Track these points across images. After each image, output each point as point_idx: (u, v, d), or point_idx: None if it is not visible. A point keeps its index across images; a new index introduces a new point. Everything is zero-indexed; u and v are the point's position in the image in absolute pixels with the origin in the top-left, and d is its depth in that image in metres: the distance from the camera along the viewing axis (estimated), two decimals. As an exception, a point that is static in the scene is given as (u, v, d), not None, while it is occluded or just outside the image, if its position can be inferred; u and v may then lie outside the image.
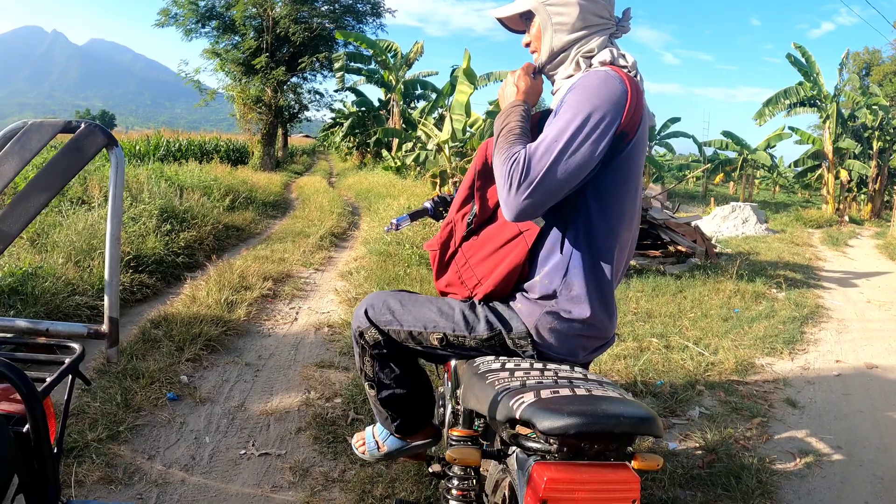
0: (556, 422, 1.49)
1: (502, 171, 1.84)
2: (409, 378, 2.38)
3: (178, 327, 4.87)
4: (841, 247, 14.54)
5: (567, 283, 1.96)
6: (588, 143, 1.81)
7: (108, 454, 3.18)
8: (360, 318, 2.29)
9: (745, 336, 5.87)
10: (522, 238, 2.01)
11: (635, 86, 1.91)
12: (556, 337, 2.00)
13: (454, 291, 2.19)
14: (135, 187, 10.02)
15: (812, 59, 24.17)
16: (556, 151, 1.79)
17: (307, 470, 3.20)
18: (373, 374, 2.35)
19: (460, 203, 2.22)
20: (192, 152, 26.10)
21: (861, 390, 4.88)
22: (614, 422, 1.50)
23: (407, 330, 2.19)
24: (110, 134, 1.54)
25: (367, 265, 7.80)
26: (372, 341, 2.28)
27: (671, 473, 3.23)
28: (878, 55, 47.31)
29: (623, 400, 1.61)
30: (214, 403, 3.93)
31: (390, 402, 2.40)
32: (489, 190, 2.13)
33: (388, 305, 2.24)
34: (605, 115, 1.82)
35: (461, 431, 2.00)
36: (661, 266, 9.17)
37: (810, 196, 37.42)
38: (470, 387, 1.95)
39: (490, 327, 2.07)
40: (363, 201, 15.74)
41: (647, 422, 1.54)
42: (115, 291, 1.51)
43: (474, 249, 2.13)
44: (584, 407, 1.54)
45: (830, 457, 3.70)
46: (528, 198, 1.79)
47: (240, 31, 28.40)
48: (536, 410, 1.53)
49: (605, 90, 1.86)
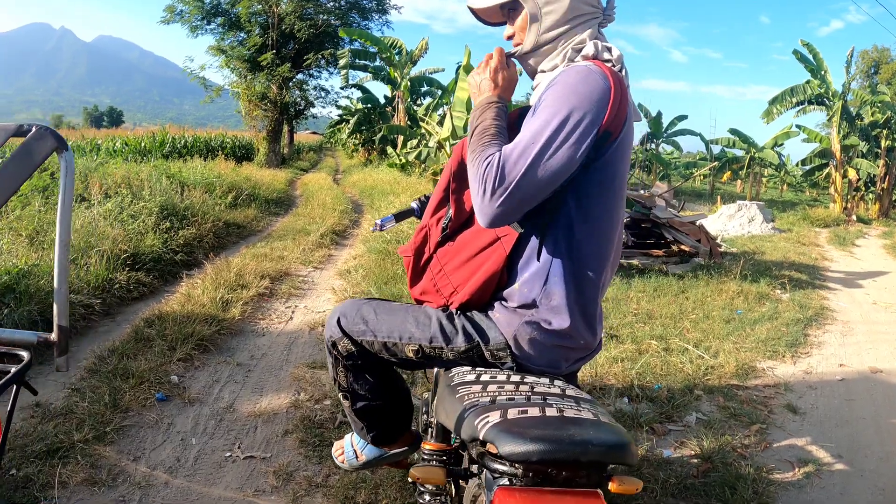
0: (519, 447, 1.41)
1: (476, 174, 1.73)
2: (385, 388, 2.29)
3: (172, 326, 4.83)
4: (848, 246, 14.42)
5: (547, 292, 1.87)
6: (567, 145, 1.70)
7: (94, 455, 3.15)
8: (332, 328, 2.20)
9: (746, 338, 5.78)
10: (500, 244, 1.92)
11: (619, 81, 1.81)
12: (535, 348, 1.91)
13: (429, 300, 2.10)
14: (136, 185, 9.98)
15: (820, 56, 24.04)
16: (532, 154, 1.68)
17: (291, 474, 3.15)
18: (347, 384, 2.27)
19: (435, 206, 2.12)
20: (197, 149, 26.10)
21: (864, 395, 4.79)
22: (580, 449, 1.42)
23: (381, 341, 2.10)
24: (61, 137, 1.48)
25: (365, 264, 7.74)
26: (345, 352, 2.18)
27: (664, 483, 3.15)
28: (886, 53, 47.10)
29: (596, 423, 1.53)
30: (203, 404, 3.89)
31: (365, 413, 2.32)
32: (465, 193, 2.01)
33: (362, 314, 2.15)
34: (585, 114, 1.72)
35: (433, 445, 1.92)
36: (663, 266, 9.09)
37: (818, 195, 37.32)
38: (441, 399, 1.87)
39: (468, 339, 1.97)
40: (367, 198, 15.69)
41: (617, 449, 1.45)
42: (64, 299, 1.45)
43: (450, 256, 2.03)
44: (550, 432, 1.45)
45: (831, 466, 3.61)
46: (502, 204, 1.69)
47: (245, 27, 28.45)
48: (500, 433, 1.45)
49: (586, 87, 1.75)
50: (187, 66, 29.25)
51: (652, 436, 3.76)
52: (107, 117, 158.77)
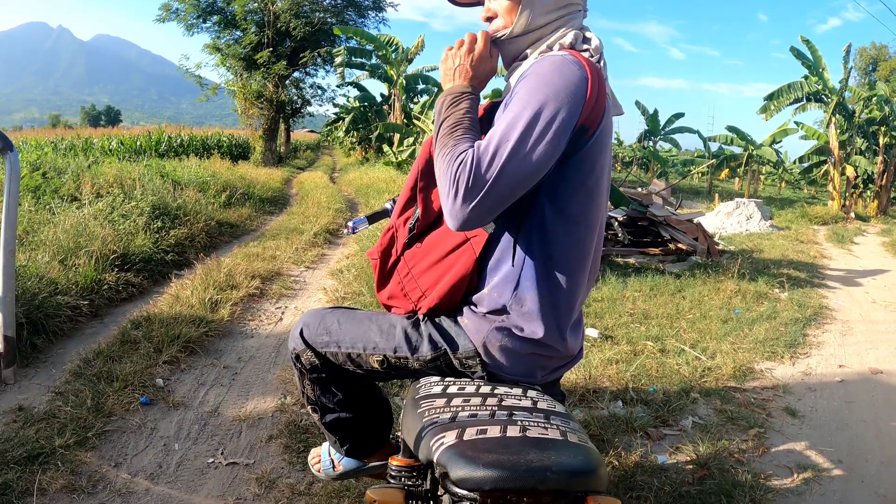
0: (471, 472, 1.31)
1: (447, 173, 1.61)
2: (355, 400, 2.19)
3: (158, 328, 4.73)
4: (846, 244, 14.35)
5: (518, 297, 1.76)
6: (544, 142, 1.59)
7: (75, 461, 3.07)
8: (295, 339, 2.12)
9: (744, 339, 5.69)
10: (469, 245, 1.81)
11: (596, 72, 1.70)
12: (507, 356, 1.80)
13: (397, 305, 1.99)
14: (128, 184, 9.88)
15: (818, 53, 23.97)
16: (506, 152, 1.56)
17: (274, 481, 3.06)
18: (314, 398, 2.17)
19: (402, 206, 2.02)
20: (193, 148, 26.06)
21: (865, 398, 4.70)
22: (538, 476, 1.31)
23: (345, 352, 2.00)
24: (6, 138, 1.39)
25: (358, 263, 7.65)
26: (309, 364, 2.10)
27: (657, 491, 3.05)
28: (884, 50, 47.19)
29: (563, 443, 1.42)
30: (188, 408, 3.80)
31: (336, 427, 2.22)
32: (433, 192, 1.90)
33: (325, 324, 2.06)
34: (560, 107, 1.61)
35: (401, 461, 1.76)
36: (660, 264, 9.02)
37: (816, 192, 37.30)
38: (405, 414, 1.77)
39: (434, 347, 1.87)
40: (362, 197, 15.63)
41: (580, 475, 1.35)
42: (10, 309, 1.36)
43: (418, 258, 1.92)
44: (506, 457, 1.35)
45: (830, 472, 3.51)
46: (475, 207, 1.57)
47: (241, 25, 28.42)
48: (452, 456, 1.36)
49: (561, 78, 1.64)
50: (183, 65, 29.20)
51: (646, 441, 3.67)
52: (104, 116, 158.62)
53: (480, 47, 1.84)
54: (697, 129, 37.68)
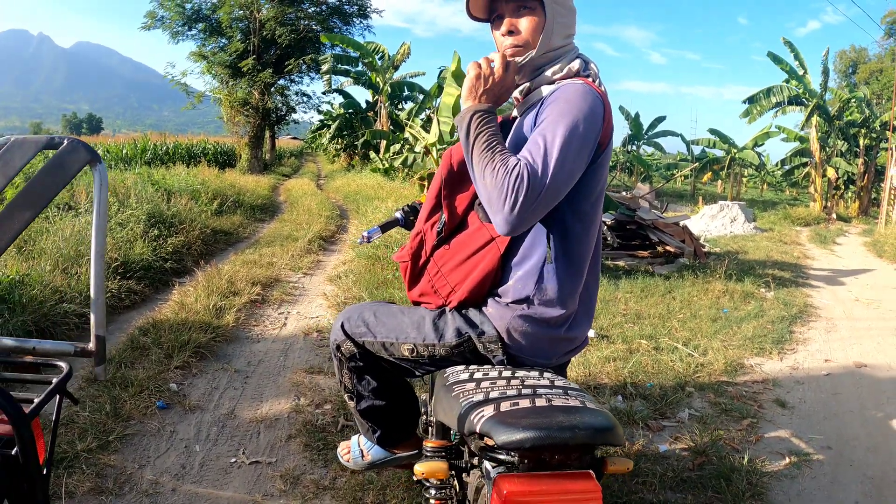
0: (512, 435, 1.51)
1: (501, 185, 1.74)
2: (388, 390, 2.38)
3: (167, 334, 4.84)
4: (829, 245, 14.61)
5: (541, 288, 1.96)
6: (579, 156, 1.80)
7: (98, 464, 3.17)
8: (336, 331, 2.32)
9: (734, 336, 5.88)
10: (495, 244, 2.01)
11: (606, 99, 1.95)
12: (527, 340, 2.00)
13: (428, 301, 2.18)
14: (122, 192, 9.95)
15: (800, 55, 24.27)
16: (553, 164, 1.74)
17: (298, 478, 3.19)
18: (351, 385, 2.37)
19: (428, 212, 2.20)
20: (179, 155, 26.02)
21: (850, 389, 4.90)
22: (569, 434, 1.52)
23: (380, 341, 2.20)
24: (93, 150, 1.53)
25: (355, 269, 7.79)
26: (348, 353, 2.29)
27: (661, 476, 3.24)
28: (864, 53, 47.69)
29: (583, 409, 1.63)
30: (204, 411, 3.92)
31: (370, 414, 2.41)
32: (458, 198, 2.12)
33: (363, 317, 2.26)
34: (588, 127, 1.81)
35: (435, 443, 2.03)
36: (649, 267, 9.20)
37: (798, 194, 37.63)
38: (439, 399, 1.98)
39: (459, 333, 2.07)
40: (351, 204, 15.70)
41: (603, 432, 1.55)
42: (101, 309, 1.49)
43: (446, 258, 2.12)
44: (540, 420, 1.56)
45: (820, 457, 3.71)
46: (531, 213, 1.74)
47: (226, 33, 28.39)
48: (494, 424, 1.56)
49: (586, 104, 1.84)
50: (168, 73, 29.11)
51: (647, 432, 3.85)
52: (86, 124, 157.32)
53: (509, 78, 2.01)
54: (680, 133, 37.98)
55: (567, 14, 2.02)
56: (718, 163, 34.14)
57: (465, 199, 2.11)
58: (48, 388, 1.49)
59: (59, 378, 1.52)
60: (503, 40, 2.06)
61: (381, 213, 11.23)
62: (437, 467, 1.78)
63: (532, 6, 2.00)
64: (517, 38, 2.03)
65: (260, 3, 27.93)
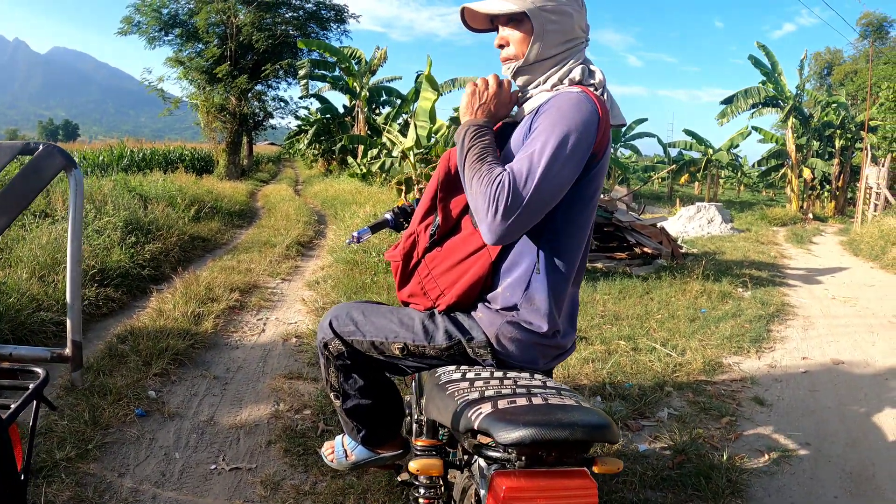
0: (512, 432, 1.51)
1: (485, 194, 1.78)
2: (374, 388, 2.38)
3: (145, 341, 4.81)
4: (805, 244, 14.76)
5: (528, 296, 1.97)
6: (568, 166, 1.80)
7: (78, 473, 3.15)
8: (324, 330, 2.30)
9: (712, 336, 5.93)
10: (486, 250, 2.01)
11: (604, 108, 1.93)
12: (516, 346, 2.01)
13: (416, 302, 2.19)
14: (98, 199, 9.87)
15: (775, 58, 24.53)
16: (538, 175, 1.76)
17: (278, 483, 3.18)
18: (338, 384, 2.36)
19: (423, 214, 2.21)
20: (156, 162, 25.85)
21: (828, 386, 4.95)
22: (569, 430, 1.53)
23: (369, 340, 2.20)
24: (69, 155, 1.52)
25: (333, 274, 7.78)
26: (336, 352, 2.28)
27: (641, 476, 3.26)
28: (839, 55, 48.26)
29: (579, 407, 1.64)
30: (183, 418, 3.90)
31: (355, 413, 2.40)
32: (452, 201, 2.12)
33: (352, 316, 2.25)
34: (580, 138, 1.82)
35: (425, 441, 2.03)
36: (627, 268, 9.24)
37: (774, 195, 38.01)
38: (432, 398, 1.98)
39: (449, 337, 2.07)
40: (329, 209, 15.69)
41: (601, 429, 1.57)
42: (77, 314, 1.48)
43: (438, 260, 2.12)
44: (540, 416, 1.57)
45: (799, 453, 3.75)
46: (514, 222, 1.76)
47: (203, 38, 28.30)
48: (493, 421, 1.56)
49: (579, 114, 1.85)
50: (145, 78, 28.98)
51: (627, 432, 3.87)
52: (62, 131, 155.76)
53: (505, 94, 2.07)
54: (657, 135, 38.23)
55: (561, 21, 2.00)
56: (695, 164, 34.40)
57: (460, 203, 2.11)
58: (25, 394, 1.47)
59: (35, 384, 1.51)
60: (500, 52, 2.10)
61: (360, 219, 11.22)
62: (431, 464, 1.79)
63: (518, 18, 2.02)
64: (506, 52, 2.07)
65: (237, 9, 27.85)
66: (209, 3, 27.47)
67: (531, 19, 1.98)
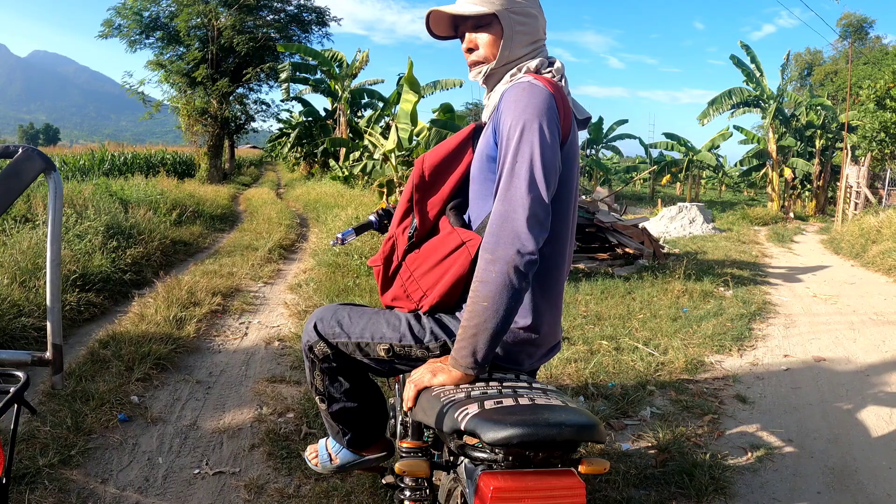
0: (500, 433, 1.50)
1: (508, 281, 1.76)
2: (360, 391, 2.37)
3: (127, 346, 4.78)
4: (787, 243, 14.88)
5: None
6: (551, 151, 1.82)
7: (61, 479, 3.12)
8: (309, 332, 2.28)
9: (694, 335, 5.96)
10: (465, 248, 1.99)
11: (558, 89, 1.93)
12: (501, 347, 1.99)
13: (400, 305, 2.17)
14: (79, 203, 9.81)
15: (757, 59, 24.71)
16: (527, 198, 1.79)
17: (262, 487, 3.17)
18: (323, 387, 2.34)
19: (400, 217, 2.21)
20: (137, 166, 25.67)
21: (810, 383, 4.99)
22: (556, 430, 1.52)
23: (355, 342, 2.18)
24: (48, 158, 1.51)
25: (316, 277, 7.77)
26: (321, 355, 2.26)
27: (625, 474, 3.27)
28: (819, 56, 48.66)
29: (565, 408, 1.64)
30: (166, 423, 3.88)
31: (341, 416, 2.39)
32: (429, 202, 2.12)
33: (337, 318, 2.23)
34: (542, 121, 1.82)
35: (410, 443, 2.02)
36: (609, 268, 9.28)
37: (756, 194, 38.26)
38: (417, 399, 1.96)
39: (435, 338, 2.07)
40: (311, 212, 15.66)
41: (588, 429, 1.56)
42: (57, 317, 1.48)
43: (418, 262, 2.11)
44: (527, 417, 1.56)
45: (782, 450, 3.78)
46: (540, 234, 1.79)
47: (184, 41, 28.13)
48: (480, 422, 1.55)
49: (534, 98, 1.85)
50: (126, 82, 28.80)
51: (610, 431, 3.89)
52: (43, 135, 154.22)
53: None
54: (638, 136, 38.40)
55: (528, 22, 2.02)
56: (677, 165, 34.60)
57: (436, 204, 2.11)
58: (5, 398, 1.46)
59: (16, 387, 1.50)
60: (466, 57, 2.10)
61: (342, 221, 11.21)
62: (418, 465, 1.77)
63: (488, 21, 2.02)
64: (476, 55, 2.07)
65: (218, 12, 27.73)
66: (190, 6, 27.33)
67: (501, 21, 1.99)
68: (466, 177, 2.11)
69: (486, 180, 1.99)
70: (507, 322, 1.80)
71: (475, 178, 2.05)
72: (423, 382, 1.89)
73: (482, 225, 1.99)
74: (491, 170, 1.97)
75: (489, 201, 1.95)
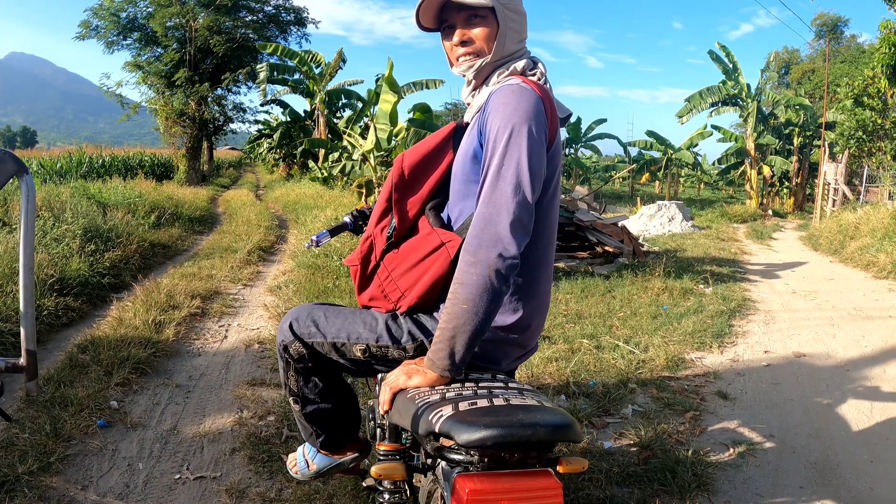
0: (473, 434, 1.50)
1: (489, 280, 1.77)
2: (334, 392, 2.35)
3: (106, 351, 4.73)
4: (765, 240, 15.00)
5: None
6: (538, 153, 1.83)
7: (41, 487, 3.09)
8: (284, 332, 2.25)
9: (674, 332, 5.99)
10: (445, 249, 1.98)
11: (546, 93, 1.94)
12: (480, 346, 1.96)
13: (378, 305, 2.16)
14: (57, 207, 9.71)
15: (734, 58, 24.90)
16: (514, 179, 1.80)
17: (244, 491, 3.15)
18: (297, 388, 2.31)
19: (379, 216, 2.19)
20: (115, 168, 25.45)
21: (790, 379, 5.03)
22: (531, 431, 1.52)
23: (330, 342, 2.16)
24: (20, 161, 1.49)
25: (295, 279, 7.74)
26: (296, 355, 2.23)
27: (607, 472, 3.27)
28: (796, 55, 49.10)
29: (541, 407, 1.64)
30: (146, 428, 3.84)
31: (315, 417, 2.36)
32: (408, 202, 2.11)
33: (313, 318, 2.21)
34: (530, 124, 1.83)
35: (388, 446, 2.02)
36: (589, 267, 9.31)
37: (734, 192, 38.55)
38: (394, 402, 1.95)
39: (412, 338, 2.06)
40: (291, 213, 15.61)
41: (563, 428, 1.56)
42: (31, 323, 1.46)
43: (396, 262, 2.10)
44: (501, 418, 1.56)
45: (764, 445, 3.80)
46: (523, 239, 1.80)
47: (162, 42, 27.93)
48: (454, 423, 1.54)
49: (524, 101, 1.86)
50: (104, 84, 28.53)
51: (591, 429, 3.89)
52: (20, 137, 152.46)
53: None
54: (617, 136, 38.57)
55: (518, 19, 2.03)
56: (655, 164, 34.76)
57: (415, 204, 2.10)
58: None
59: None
60: (456, 50, 2.07)
61: (321, 222, 11.17)
62: (393, 468, 1.77)
63: (483, 14, 2.01)
64: (471, 48, 2.05)
65: (196, 12, 27.56)
66: (167, 7, 27.14)
67: (497, 15, 1.98)
68: (446, 176, 2.10)
69: (469, 181, 1.98)
70: (486, 325, 1.80)
71: (457, 178, 2.04)
72: (399, 385, 1.89)
73: (463, 225, 1.98)
74: (474, 171, 1.96)
75: (471, 202, 1.95)
